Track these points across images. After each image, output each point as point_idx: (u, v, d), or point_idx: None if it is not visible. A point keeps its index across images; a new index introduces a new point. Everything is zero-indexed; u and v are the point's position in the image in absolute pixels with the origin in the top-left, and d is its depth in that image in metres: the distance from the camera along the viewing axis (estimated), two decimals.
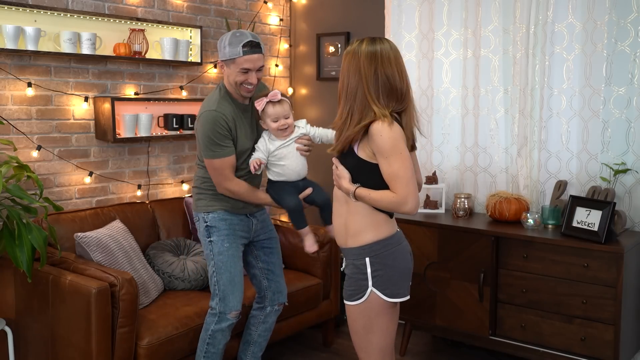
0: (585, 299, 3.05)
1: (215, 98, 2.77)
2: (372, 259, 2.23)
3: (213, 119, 2.70)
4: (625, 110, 3.31)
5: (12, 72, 3.23)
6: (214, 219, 2.86)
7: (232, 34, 2.70)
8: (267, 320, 3.09)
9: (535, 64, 3.54)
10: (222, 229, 2.86)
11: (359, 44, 2.21)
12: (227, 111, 2.73)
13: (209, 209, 2.87)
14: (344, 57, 2.24)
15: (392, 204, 2.18)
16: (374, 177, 2.20)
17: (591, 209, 3.13)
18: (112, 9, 3.60)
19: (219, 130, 2.70)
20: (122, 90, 3.70)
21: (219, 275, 2.85)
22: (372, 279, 2.23)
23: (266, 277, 3.06)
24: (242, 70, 2.70)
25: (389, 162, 2.15)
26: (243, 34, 2.70)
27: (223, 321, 2.87)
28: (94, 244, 3.06)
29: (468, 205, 3.64)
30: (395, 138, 2.14)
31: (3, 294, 3.17)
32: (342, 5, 4.42)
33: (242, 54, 2.67)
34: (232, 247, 2.87)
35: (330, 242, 3.75)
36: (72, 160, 3.50)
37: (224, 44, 2.70)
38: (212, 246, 2.86)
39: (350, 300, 2.29)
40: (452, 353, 3.77)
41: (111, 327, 2.78)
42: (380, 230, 2.25)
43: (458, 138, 3.90)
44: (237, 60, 2.68)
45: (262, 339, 3.10)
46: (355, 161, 2.23)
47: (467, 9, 3.78)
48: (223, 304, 2.86)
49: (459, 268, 3.38)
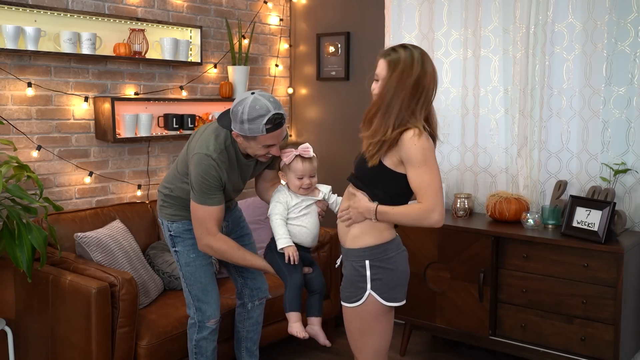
0: (585, 299, 3.05)
1: (218, 143, 2.52)
2: (372, 262, 2.22)
3: (207, 167, 2.49)
4: (625, 110, 3.31)
5: (12, 72, 3.23)
6: (178, 228, 2.75)
7: (250, 108, 2.33)
8: (251, 316, 3.04)
9: (535, 64, 3.54)
10: (187, 238, 2.74)
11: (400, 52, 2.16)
12: (224, 164, 2.52)
13: (174, 218, 2.75)
14: (386, 65, 2.17)
15: (418, 215, 2.15)
16: (393, 186, 2.20)
17: (591, 209, 3.13)
18: (112, 9, 3.60)
19: (209, 180, 2.50)
20: (122, 90, 3.70)
21: (190, 287, 2.78)
22: (371, 282, 2.22)
23: (241, 274, 2.98)
24: (265, 146, 2.44)
25: (420, 172, 2.13)
26: (263, 107, 2.34)
27: (204, 330, 2.83)
28: (94, 244, 3.06)
29: (468, 205, 3.64)
30: (428, 148, 2.13)
31: (3, 294, 3.17)
32: (342, 5, 4.42)
33: (265, 132, 2.36)
34: (199, 257, 2.75)
35: (330, 242, 3.74)
36: (72, 160, 3.50)
37: (240, 117, 2.35)
38: (179, 256, 2.77)
39: (347, 302, 2.28)
40: (452, 353, 3.77)
41: (111, 327, 2.78)
42: (381, 234, 2.24)
43: (458, 138, 3.90)
44: (259, 138, 2.39)
45: (253, 334, 3.07)
46: (378, 168, 2.19)
47: (467, 9, 3.78)
48: (200, 313, 2.80)
49: (459, 268, 3.38)
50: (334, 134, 4.46)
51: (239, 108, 2.37)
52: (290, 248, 2.45)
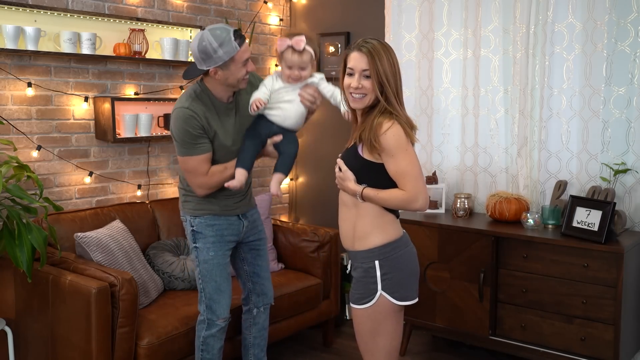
0: (585, 299, 3.05)
1: (188, 95, 2.64)
2: (382, 261, 2.21)
3: (184, 117, 2.58)
4: (625, 110, 3.31)
5: (12, 72, 3.23)
6: (200, 224, 2.78)
7: (213, 36, 2.49)
8: (257, 322, 3.05)
9: (535, 64, 3.54)
10: (209, 235, 2.77)
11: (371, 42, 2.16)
12: (199, 109, 2.61)
13: (196, 213, 2.78)
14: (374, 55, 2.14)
15: (402, 201, 2.16)
16: (380, 178, 2.18)
17: (591, 209, 3.13)
18: (112, 9, 3.60)
19: (190, 130, 2.58)
20: (122, 90, 3.70)
21: (204, 283, 2.80)
22: (382, 282, 2.21)
23: (251, 279, 3.00)
24: (243, 64, 2.57)
25: (396, 160, 2.13)
26: (222, 29, 2.52)
27: (212, 327, 2.84)
28: (94, 244, 3.06)
29: (468, 205, 3.64)
30: (400, 135, 2.12)
31: (3, 294, 3.17)
32: (342, 5, 4.42)
33: (238, 46, 2.51)
34: (217, 255, 2.79)
35: (330, 242, 3.74)
36: (72, 160, 3.50)
37: (211, 49, 2.49)
38: (198, 252, 2.80)
39: (358, 304, 2.26)
40: (452, 353, 3.77)
41: (111, 327, 2.78)
42: (388, 232, 2.23)
43: (458, 138, 3.90)
44: (236, 57, 2.53)
45: (260, 340, 3.08)
46: (360, 163, 2.20)
47: (467, 9, 3.78)
48: (210, 311, 2.82)
49: (459, 268, 3.38)
50: (334, 134, 4.45)
51: (204, 44, 2.50)
52: (253, 101, 2.59)
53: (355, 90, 2.18)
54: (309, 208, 4.71)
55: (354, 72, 2.17)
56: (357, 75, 2.17)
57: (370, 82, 2.16)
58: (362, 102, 2.20)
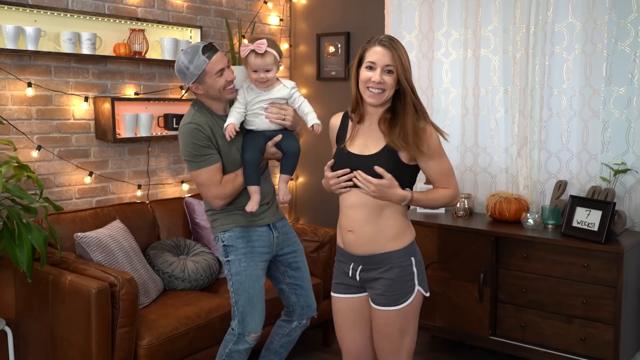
0: (585, 299, 3.05)
1: (188, 112, 2.69)
2: (416, 257, 2.25)
3: (189, 131, 2.61)
4: (625, 110, 3.31)
5: (12, 72, 3.23)
6: (230, 237, 2.75)
7: (184, 55, 2.58)
8: (291, 334, 3.00)
9: (535, 64, 3.54)
10: (240, 247, 2.74)
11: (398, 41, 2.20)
12: (202, 121, 2.62)
13: (225, 228, 2.76)
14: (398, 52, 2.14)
15: (450, 199, 2.25)
16: (409, 180, 2.23)
17: (591, 209, 3.13)
18: (112, 9, 3.60)
19: (197, 142, 2.60)
20: (122, 90, 3.71)
21: (237, 297, 2.75)
22: (417, 277, 2.24)
23: (294, 292, 2.94)
24: (218, 75, 2.59)
25: (441, 160, 2.20)
26: (193, 46, 2.60)
27: (241, 343, 2.78)
28: (94, 244, 3.06)
29: (468, 205, 3.64)
30: (437, 136, 2.19)
31: (3, 294, 3.17)
32: (342, 5, 4.42)
33: (207, 59, 2.56)
34: (249, 267, 2.75)
35: (330, 242, 3.74)
36: (72, 160, 3.50)
37: (184, 67, 2.57)
38: (230, 266, 2.76)
39: (394, 305, 2.22)
40: (452, 353, 3.77)
41: (111, 327, 2.78)
42: (412, 229, 2.30)
43: (458, 138, 3.90)
44: (207, 70, 2.56)
45: (284, 350, 3.03)
46: (402, 169, 2.18)
47: (467, 9, 3.78)
48: (242, 325, 2.76)
49: (459, 268, 3.38)
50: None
51: (179, 64, 2.61)
52: (226, 129, 2.60)
53: (376, 85, 2.16)
54: (309, 208, 4.71)
55: (376, 66, 2.15)
56: (380, 70, 2.15)
57: (391, 78, 2.15)
58: (380, 98, 2.19)
